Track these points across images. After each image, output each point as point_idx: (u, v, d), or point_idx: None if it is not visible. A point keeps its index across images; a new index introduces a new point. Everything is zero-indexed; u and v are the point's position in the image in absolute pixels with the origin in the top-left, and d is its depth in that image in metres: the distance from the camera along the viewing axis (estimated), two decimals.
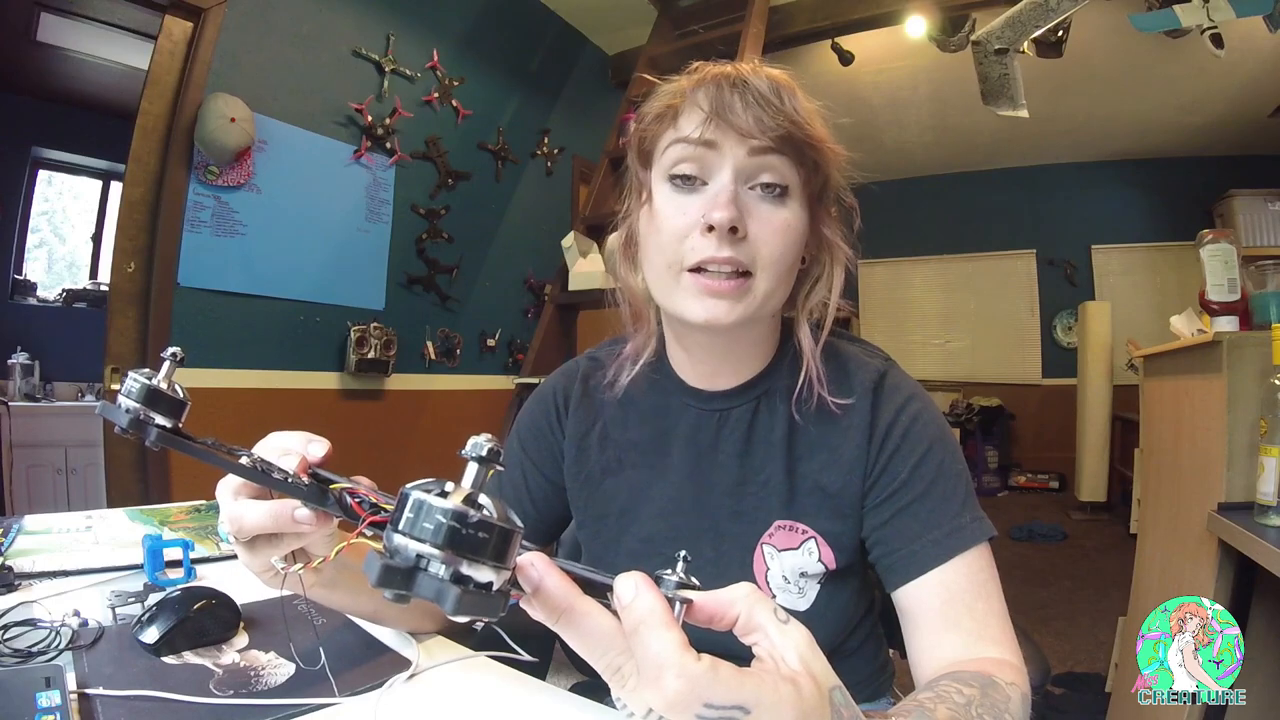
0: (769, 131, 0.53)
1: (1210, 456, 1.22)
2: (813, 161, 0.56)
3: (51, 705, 0.44)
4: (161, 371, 0.36)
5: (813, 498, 0.61)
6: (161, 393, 0.36)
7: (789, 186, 0.56)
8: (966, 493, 0.59)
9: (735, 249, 0.54)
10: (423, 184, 2.63)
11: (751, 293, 0.55)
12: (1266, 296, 1.27)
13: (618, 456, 0.68)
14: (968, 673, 0.49)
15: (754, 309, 0.56)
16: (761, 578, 0.61)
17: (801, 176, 0.56)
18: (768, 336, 0.64)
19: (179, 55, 1.95)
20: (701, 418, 0.65)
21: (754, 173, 0.55)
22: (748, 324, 0.58)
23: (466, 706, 0.52)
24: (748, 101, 0.54)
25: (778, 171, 0.55)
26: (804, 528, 0.61)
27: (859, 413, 0.60)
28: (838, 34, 3.13)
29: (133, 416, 0.36)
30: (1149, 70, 3.59)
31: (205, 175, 1.98)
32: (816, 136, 0.55)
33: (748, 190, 0.55)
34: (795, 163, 0.55)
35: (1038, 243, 5.37)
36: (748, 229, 0.54)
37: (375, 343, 2.38)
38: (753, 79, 0.55)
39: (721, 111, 0.54)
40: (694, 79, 0.57)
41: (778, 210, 0.56)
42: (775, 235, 0.55)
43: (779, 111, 0.53)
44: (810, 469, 0.61)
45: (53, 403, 3.22)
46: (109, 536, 0.89)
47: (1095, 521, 4.18)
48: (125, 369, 1.89)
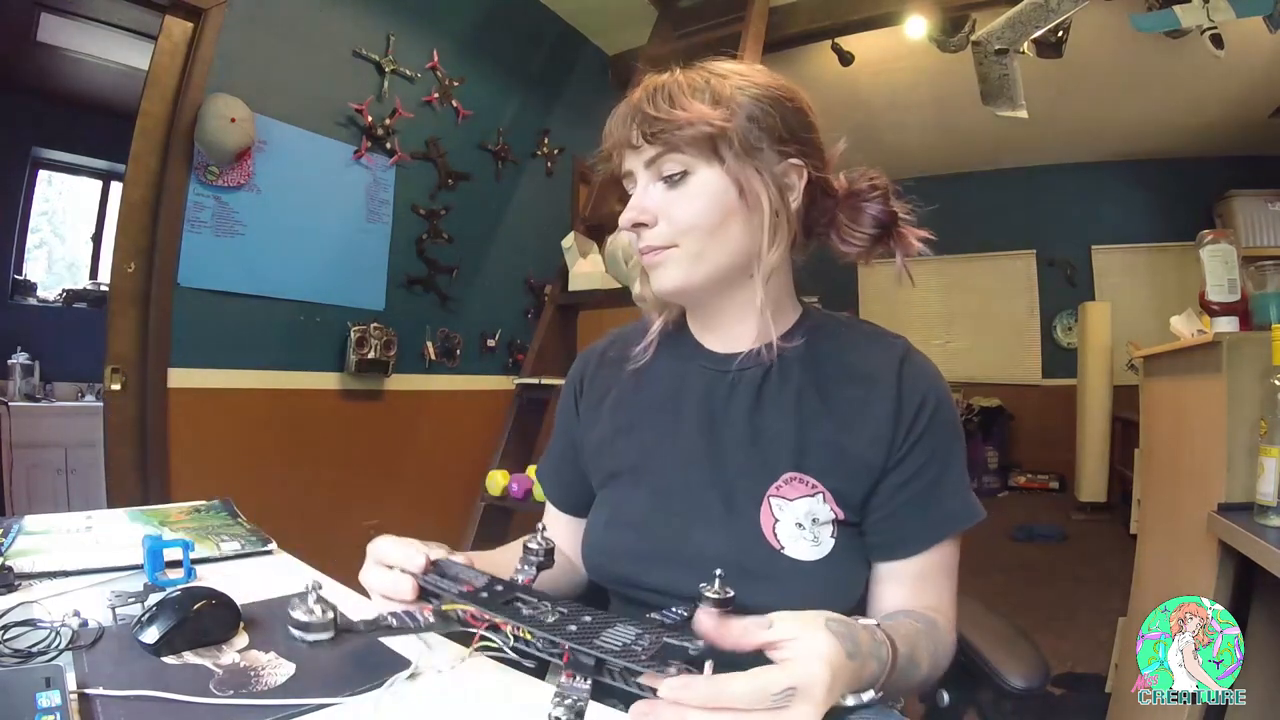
0: (649, 139, 0.64)
1: (1210, 457, 1.22)
2: (701, 140, 0.63)
3: (51, 705, 0.44)
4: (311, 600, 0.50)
5: (827, 454, 0.64)
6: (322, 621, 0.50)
7: (690, 170, 0.64)
8: (965, 476, 0.67)
9: (648, 238, 0.66)
10: (423, 184, 2.63)
11: (679, 258, 0.65)
12: (1266, 297, 1.27)
13: (630, 418, 0.73)
14: (919, 614, 0.62)
15: (694, 269, 0.66)
16: (769, 530, 0.63)
17: (701, 155, 0.64)
18: (773, 304, 0.68)
19: (179, 55, 1.95)
20: (714, 379, 0.70)
21: (656, 173, 0.66)
22: (705, 285, 0.67)
23: (466, 706, 0.52)
24: (626, 118, 0.65)
25: (666, 163, 0.65)
26: (814, 481, 0.64)
27: (884, 383, 0.65)
28: (838, 34, 3.14)
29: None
30: (1149, 70, 3.59)
31: (205, 175, 1.98)
32: (685, 120, 0.62)
33: (658, 184, 0.66)
34: (690, 148, 0.63)
35: (1038, 243, 5.37)
36: (658, 215, 0.65)
37: (375, 343, 2.38)
38: (639, 93, 0.65)
39: (614, 137, 0.67)
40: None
41: (680, 190, 0.65)
42: (683, 209, 0.64)
43: (651, 119, 0.63)
44: (827, 429, 0.65)
45: (53, 403, 3.22)
46: (109, 536, 0.89)
47: (1095, 521, 4.18)
48: (125, 369, 1.89)
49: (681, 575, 0.61)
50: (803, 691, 0.41)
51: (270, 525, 0.97)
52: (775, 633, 0.44)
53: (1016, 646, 0.73)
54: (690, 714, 0.40)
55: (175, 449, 1.94)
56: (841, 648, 0.45)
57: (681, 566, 0.64)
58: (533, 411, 2.52)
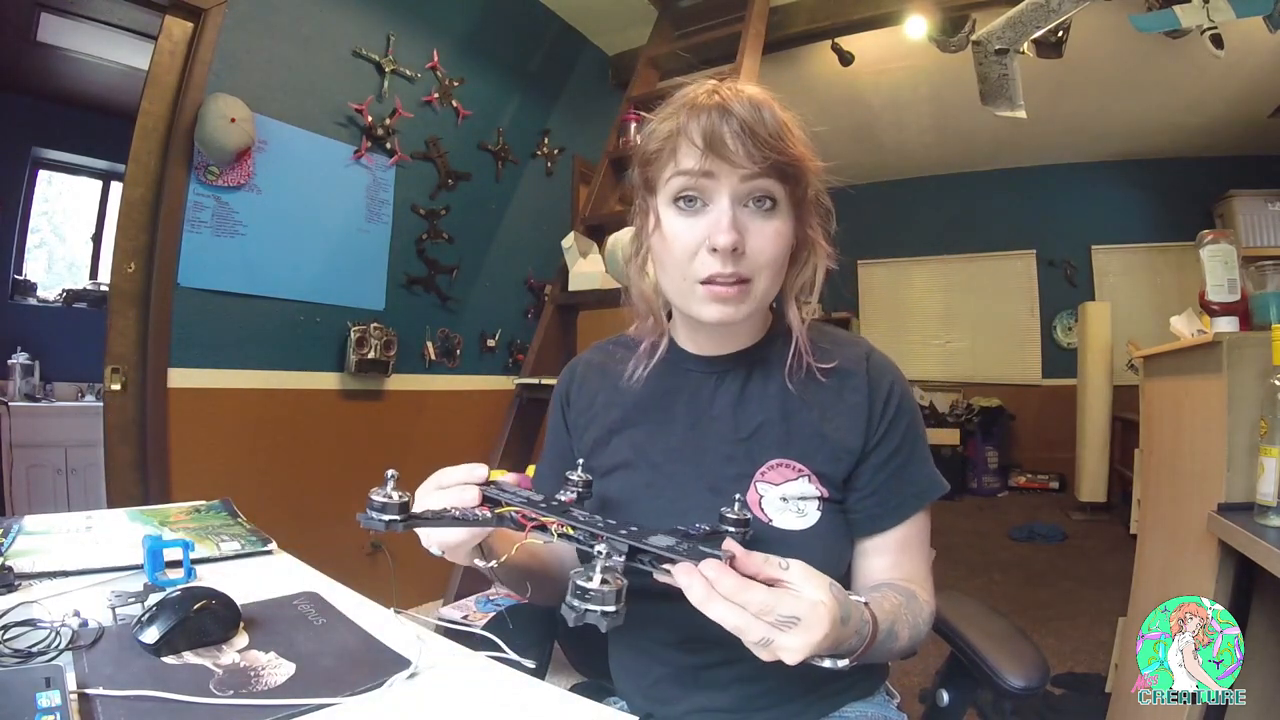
0: (757, 160, 0.62)
1: (1210, 457, 1.22)
2: (794, 176, 0.65)
3: (51, 705, 0.44)
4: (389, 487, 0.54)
5: (811, 442, 0.69)
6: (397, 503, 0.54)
7: (777, 200, 0.65)
8: (929, 454, 0.74)
9: (737, 264, 0.64)
10: (423, 184, 2.63)
11: (752, 294, 0.66)
12: (1266, 297, 1.27)
13: (622, 417, 0.77)
14: (898, 587, 0.67)
15: (755, 306, 0.67)
16: (755, 505, 0.67)
17: (786, 190, 0.65)
18: (762, 315, 0.75)
19: (179, 55, 1.95)
20: (701, 380, 0.75)
21: (747, 194, 0.64)
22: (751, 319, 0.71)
23: (466, 706, 0.52)
24: (735, 132, 0.62)
25: (767, 190, 0.64)
26: (799, 465, 0.68)
27: (856, 376, 0.71)
28: (838, 34, 3.13)
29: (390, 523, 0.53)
30: (1149, 70, 3.59)
31: (205, 175, 1.98)
32: (796, 157, 0.64)
33: (742, 207, 0.64)
34: (780, 180, 0.64)
35: (1038, 243, 5.37)
36: (745, 244, 0.64)
37: (375, 343, 2.38)
38: (735, 106, 0.62)
39: (714, 145, 0.62)
40: (683, 109, 0.65)
41: (769, 222, 0.65)
42: (768, 244, 0.65)
43: (763, 142, 0.62)
44: (809, 419, 0.70)
45: (53, 403, 3.22)
46: (109, 536, 0.89)
47: (1095, 521, 4.18)
48: (125, 369, 1.89)
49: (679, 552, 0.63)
50: (803, 626, 0.48)
51: (270, 525, 0.97)
52: (789, 576, 0.50)
53: (1016, 646, 0.73)
54: (716, 595, 0.47)
55: (175, 449, 1.94)
56: (839, 611, 0.50)
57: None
58: (533, 411, 2.52)
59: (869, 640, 0.55)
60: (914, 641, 0.64)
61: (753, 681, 0.69)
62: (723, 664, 0.69)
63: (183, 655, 0.57)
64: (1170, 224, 4.82)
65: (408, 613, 0.67)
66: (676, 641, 0.71)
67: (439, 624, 0.71)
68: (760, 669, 0.69)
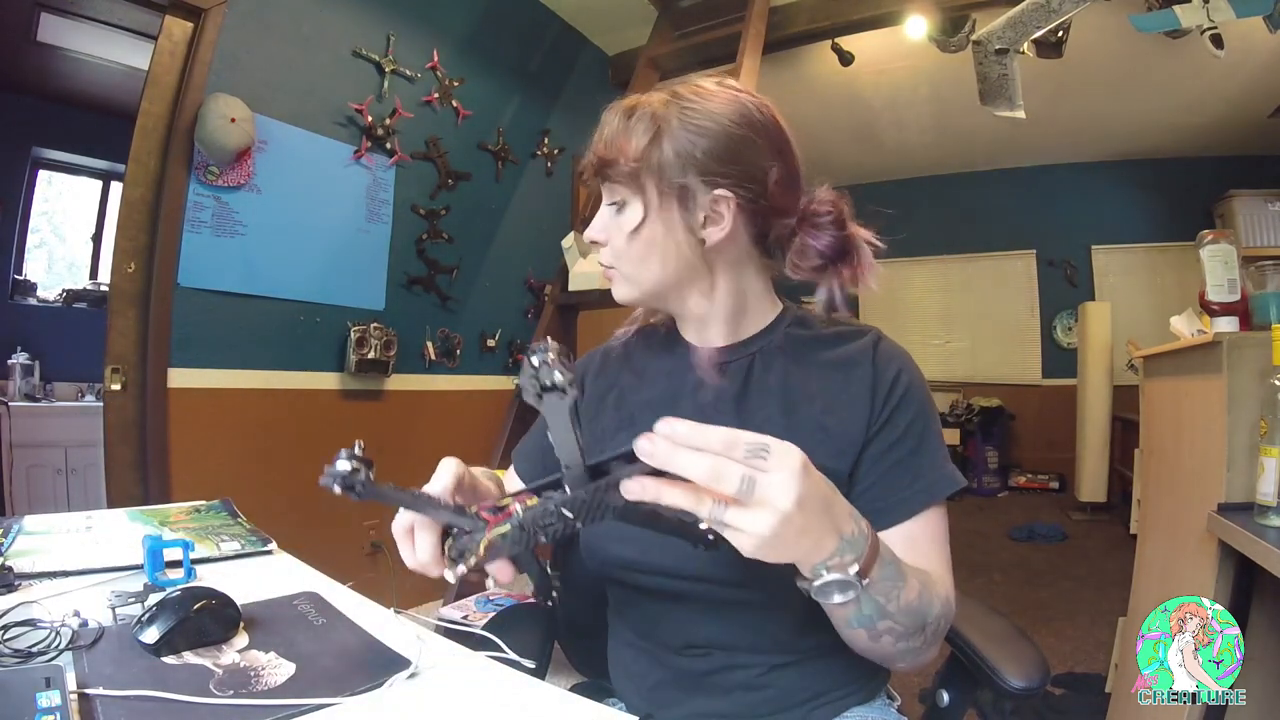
0: (599, 177, 0.70)
1: (1210, 457, 1.22)
2: (632, 176, 0.68)
3: (51, 705, 0.44)
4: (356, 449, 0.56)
5: (814, 437, 0.66)
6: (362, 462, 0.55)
7: (624, 201, 0.70)
8: (943, 448, 0.69)
9: (603, 256, 0.73)
10: (423, 184, 2.63)
11: (618, 279, 0.73)
12: (1266, 297, 1.27)
13: (631, 414, 0.77)
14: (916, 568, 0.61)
15: (629, 288, 0.72)
16: None
17: (630, 189, 0.69)
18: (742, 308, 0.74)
19: (179, 55, 1.95)
20: (705, 371, 0.74)
21: (609, 198, 0.72)
22: (653, 299, 0.73)
23: (466, 706, 0.52)
24: (591, 159, 0.71)
25: (612, 193, 0.71)
26: None
27: (861, 365, 0.69)
28: (838, 34, 3.13)
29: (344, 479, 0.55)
30: (1149, 70, 3.59)
31: (205, 175, 1.98)
32: (611, 159, 0.68)
33: (609, 209, 0.71)
34: (623, 183, 0.69)
35: (1038, 243, 5.37)
36: (606, 238, 0.72)
37: (375, 343, 2.38)
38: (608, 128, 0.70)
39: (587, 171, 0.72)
40: None
41: (619, 219, 0.70)
42: (616, 236, 0.71)
43: (599, 154, 0.69)
44: (811, 412, 0.68)
45: (53, 403, 3.22)
46: (109, 536, 0.89)
47: (1095, 521, 4.18)
48: (125, 369, 1.89)
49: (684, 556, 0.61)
50: (777, 455, 0.43)
51: (270, 525, 0.97)
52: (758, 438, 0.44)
53: (1016, 646, 0.73)
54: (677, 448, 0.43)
55: (175, 449, 1.94)
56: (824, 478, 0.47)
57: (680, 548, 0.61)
58: (532, 412, 2.52)
59: (870, 541, 0.50)
60: (925, 608, 0.57)
61: (754, 689, 0.69)
62: (725, 669, 0.69)
63: (183, 655, 0.57)
64: (1170, 224, 4.81)
65: (408, 613, 0.67)
66: (679, 646, 0.70)
67: (439, 624, 0.71)
68: (762, 676, 0.69)
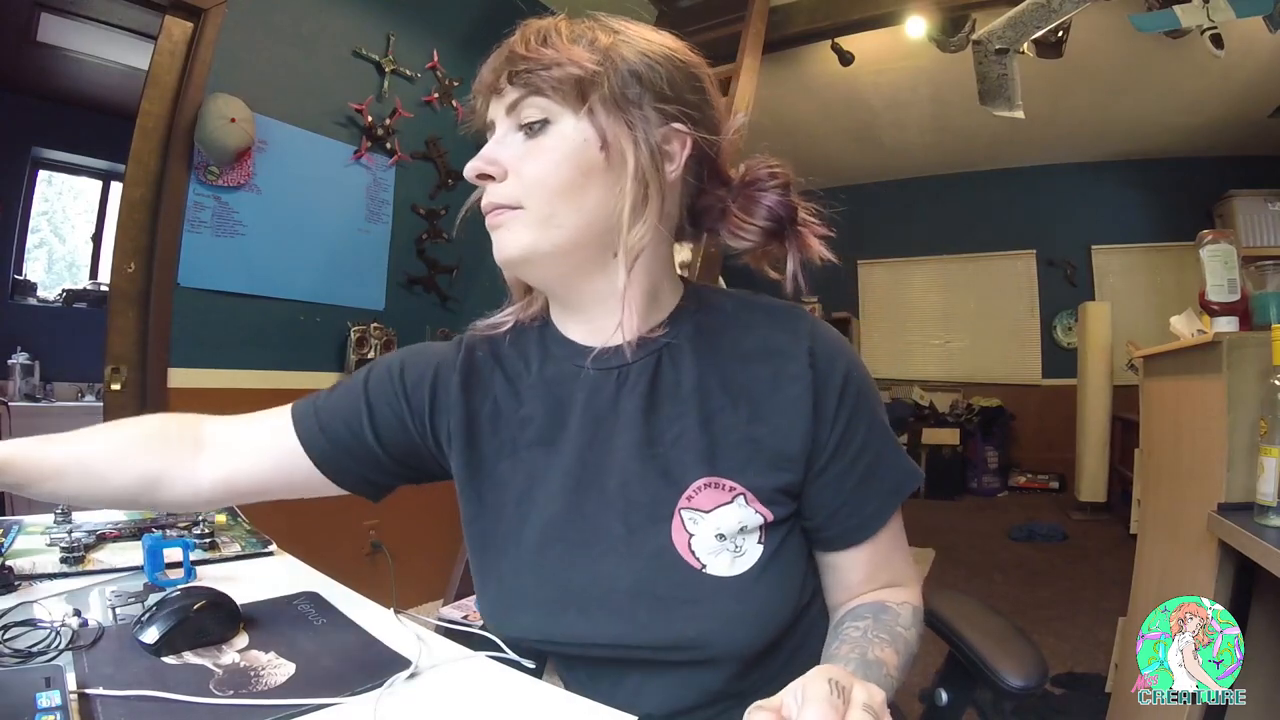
0: (514, 82, 0.56)
1: (1210, 457, 1.22)
2: (572, 82, 0.54)
3: (51, 705, 0.44)
4: None
5: (741, 451, 0.56)
6: None
7: (547, 119, 0.56)
8: (895, 440, 0.62)
9: (494, 192, 0.57)
10: (423, 184, 2.63)
11: (522, 219, 0.56)
12: (1266, 297, 1.27)
13: (511, 437, 0.62)
14: (864, 606, 0.60)
15: (535, 234, 0.56)
16: (684, 547, 0.55)
17: (566, 102, 0.55)
18: (649, 288, 0.60)
19: (179, 55, 1.95)
20: (599, 379, 0.60)
21: (514, 123, 0.57)
22: (557, 257, 0.57)
23: (466, 706, 0.52)
24: (499, 61, 0.57)
25: (526, 107, 0.56)
26: (730, 484, 0.56)
27: (795, 361, 0.57)
28: (838, 34, 3.13)
29: None
30: (1149, 70, 3.59)
31: (205, 175, 1.98)
32: (554, 59, 0.54)
33: (514, 135, 0.57)
34: (551, 94, 0.55)
35: (1038, 243, 5.37)
36: (505, 169, 0.57)
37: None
38: (515, 39, 0.57)
39: (483, 87, 0.58)
40: None
41: (538, 140, 0.56)
42: (533, 161, 0.56)
43: (519, 58, 0.55)
44: (736, 421, 0.57)
45: (53, 403, 3.22)
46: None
47: (1095, 521, 4.18)
48: (125, 369, 1.89)
49: (599, 619, 0.55)
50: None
51: (270, 525, 0.97)
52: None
53: (1016, 646, 0.73)
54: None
55: None
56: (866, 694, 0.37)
57: (594, 609, 0.56)
58: None
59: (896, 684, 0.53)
60: (910, 650, 0.59)
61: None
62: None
63: (183, 655, 0.57)
64: (1170, 224, 4.81)
65: (408, 613, 0.67)
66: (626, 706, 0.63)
67: (439, 624, 0.71)
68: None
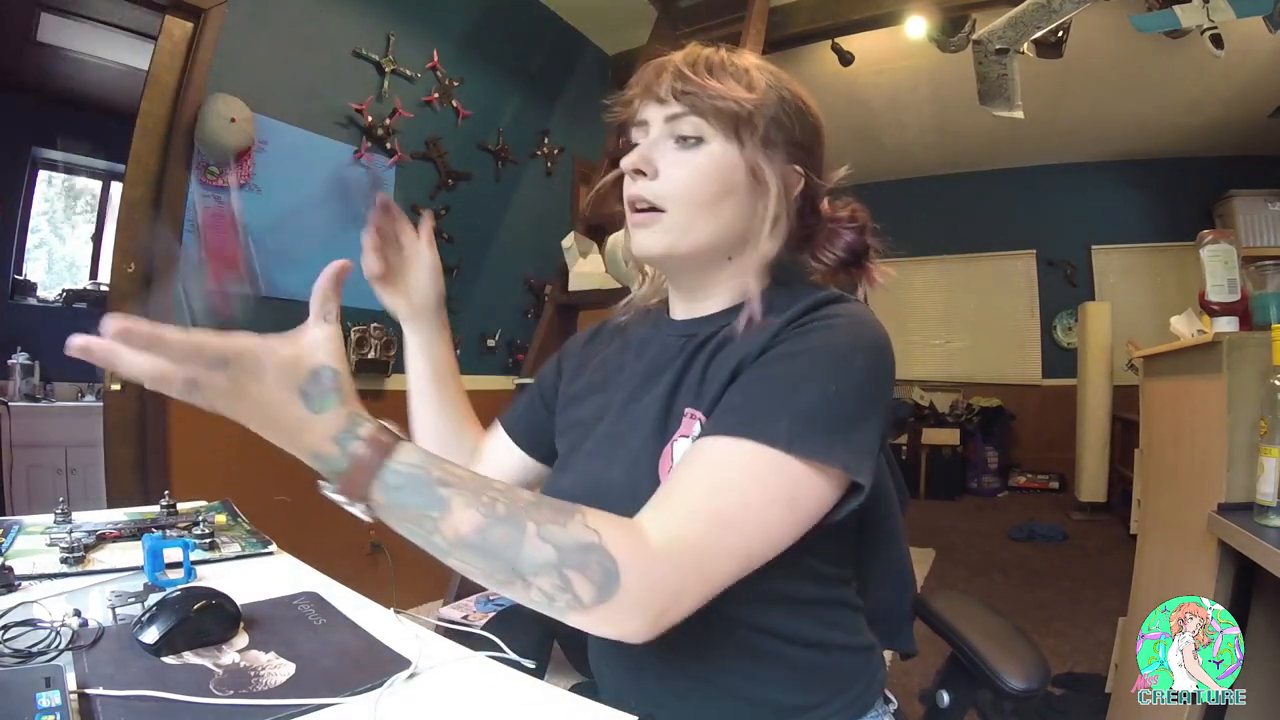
0: (680, 97, 0.63)
1: (1210, 457, 1.22)
2: (729, 114, 0.62)
3: (51, 705, 0.44)
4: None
5: (714, 384, 0.60)
6: None
7: (702, 137, 0.63)
8: (819, 412, 0.53)
9: (644, 188, 0.64)
10: (423, 184, 2.63)
11: (663, 224, 0.63)
12: (1266, 297, 1.27)
13: (604, 377, 0.75)
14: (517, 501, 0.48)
15: (673, 239, 0.63)
16: (665, 470, 0.61)
17: (720, 128, 0.63)
18: (736, 278, 0.67)
19: (179, 55, 1.95)
20: (671, 344, 0.70)
21: (671, 130, 0.64)
22: (685, 258, 0.65)
23: (466, 706, 0.52)
24: (668, 75, 0.64)
25: (686, 123, 0.63)
26: (703, 415, 0.60)
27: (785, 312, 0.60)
28: (838, 34, 3.14)
29: None
30: (1149, 70, 3.59)
31: (205, 175, 1.98)
32: (722, 94, 0.62)
33: (667, 142, 0.64)
34: (711, 117, 0.62)
35: (1038, 243, 5.37)
36: (658, 170, 0.63)
37: (375, 343, 2.38)
38: (679, 55, 0.65)
39: (647, 88, 0.65)
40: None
41: (689, 155, 0.63)
42: (683, 173, 0.63)
43: (689, 79, 0.63)
44: (725, 361, 0.61)
45: (53, 403, 3.22)
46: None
47: (1095, 522, 4.18)
48: None
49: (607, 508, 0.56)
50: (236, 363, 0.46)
51: (270, 526, 0.97)
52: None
53: (1016, 647, 0.73)
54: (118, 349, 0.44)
55: (175, 449, 1.94)
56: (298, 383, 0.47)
57: (595, 500, 0.54)
58: None
59: (354, 472, 0.46)
60: (502, 550, 0.46)
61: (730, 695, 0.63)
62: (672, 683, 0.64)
63: (183, 655, 0.57)
64: (1170, 224, 4.82)
65: (408, 613, 0.67)
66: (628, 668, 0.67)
67: (439, 624, 0.71)
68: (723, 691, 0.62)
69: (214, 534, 0.90)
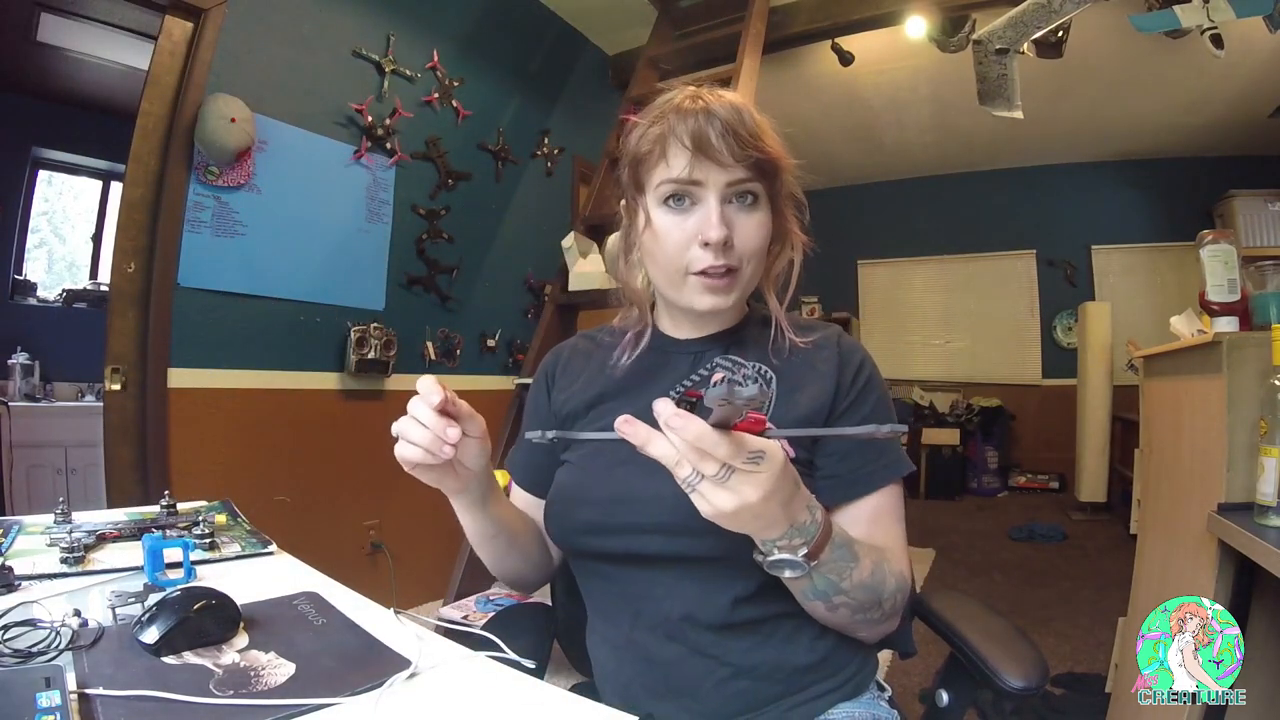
0: (739, 159, 0.67)
1: (1210, 457, 1.22)
2: (771, 173, 0.71)
3: (51, 705, 0.44)
4: None
5: (781, 405, 0.72)
6: None
7: (758, 196, 0.71)
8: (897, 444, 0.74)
9: (727, 256, 0.69)
10: (423, 184, 2.63)
11: (739, 282, 0.72)
12: (1266, 297, 1.27)
13: (602, 393, 0.80)
14: (871, 546, 0.66)
15: (741, 293, 0.73)
16: None
17: (765, 185, 0.71)
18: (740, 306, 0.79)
19: (179, 55, 1.95)
20: (678, 359, 0.79)
21: (732, 191, 0.70)
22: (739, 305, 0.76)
23: (466, 706, 0.52)
24: (719, 133, 0.67)
25: (749, 186, 0.70)
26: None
27: (827, 349, 0.75)
28: (838, 34, 3.14)
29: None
30: (1149, 70, 3.59)
31: (205, 175, 1.98)
32: (773, 155, 0.70)
33: (727, 204, 0.70)
34: (760, 177, 0.70)
35: (1038, 243, 5.37)
36: (733, 237, 0.69)
37: (375, 343, 2.38)
38: (718, 109, 0.68)
39: (702, 147, 0.67)
40: (670, 113, 0.70)
41: (753, 215, 0.71)
42: (752, 235, 0.71)
43: (745, 141, 0.67)
44: (783, 390, 0.73)
45: (53, 403, 3.22)
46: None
47: (1095, 521, 4.18)
48: (125, 369, 1.89)
49: (645, 512, 0.68)
50: (770, 457, 0.49)
51: (270, 526, 0.97)
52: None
53: (1016, 646, 0.73)
54: (670, 443, 0.48)
55: (175, 449, 1.94)
56: (793, 473, 0.52)
57: (642, 506, 0.68)
58: None
59: (821, 529, 0.56)
60: (878, 584, 0.63)
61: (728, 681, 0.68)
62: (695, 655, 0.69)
63: (183, 655, 0.57)
64: (1170, 224, 4.82)
65: (408, 613, 0.67)
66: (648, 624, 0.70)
67: (439, 624, 0.71)
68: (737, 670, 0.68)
69: (214, 534, 0.89)
